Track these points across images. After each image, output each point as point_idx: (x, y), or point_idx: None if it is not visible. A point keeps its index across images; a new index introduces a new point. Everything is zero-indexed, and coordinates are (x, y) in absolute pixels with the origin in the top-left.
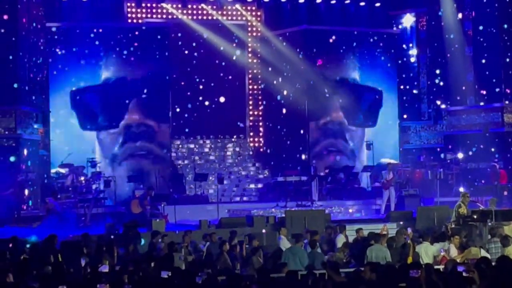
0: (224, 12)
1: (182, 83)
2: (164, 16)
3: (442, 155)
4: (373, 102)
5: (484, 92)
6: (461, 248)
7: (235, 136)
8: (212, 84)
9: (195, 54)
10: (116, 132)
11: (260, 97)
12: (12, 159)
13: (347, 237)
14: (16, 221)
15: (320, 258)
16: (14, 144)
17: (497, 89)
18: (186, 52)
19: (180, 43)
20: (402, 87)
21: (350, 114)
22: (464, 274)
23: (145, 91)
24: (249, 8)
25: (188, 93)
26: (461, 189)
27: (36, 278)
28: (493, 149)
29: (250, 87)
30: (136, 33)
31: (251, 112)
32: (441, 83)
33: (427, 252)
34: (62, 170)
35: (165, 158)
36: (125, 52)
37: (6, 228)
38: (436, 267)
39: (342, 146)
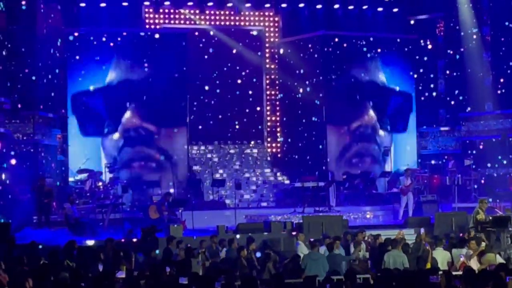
0: (242, 18)
1: (200, 88)
2: (182, 22)
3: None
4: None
5: (503, 98)
6: (480, 255)
7: (252, 142)
8: (230, 89)
9: (213, 59)
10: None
11: (277, 103)
12: (30, 164)
13: (364, 239)
14: (34, 226)
15: (341, 259)
16: (32, 149)
17: None
18: (204, 57)
19: (197, 49)
20: (419, 92)
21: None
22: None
23: (162, 96)
24: (266, 14)
25: (206, 98)
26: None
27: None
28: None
29: (268, 92)
30: (155, 37)
31: (268, 118)
32: (459, 89)
33: (442, 257)
34: (81, 176)
35: (183, 163)
36: (144, 59)
37: (24, 233)
38: (454, 273)
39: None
